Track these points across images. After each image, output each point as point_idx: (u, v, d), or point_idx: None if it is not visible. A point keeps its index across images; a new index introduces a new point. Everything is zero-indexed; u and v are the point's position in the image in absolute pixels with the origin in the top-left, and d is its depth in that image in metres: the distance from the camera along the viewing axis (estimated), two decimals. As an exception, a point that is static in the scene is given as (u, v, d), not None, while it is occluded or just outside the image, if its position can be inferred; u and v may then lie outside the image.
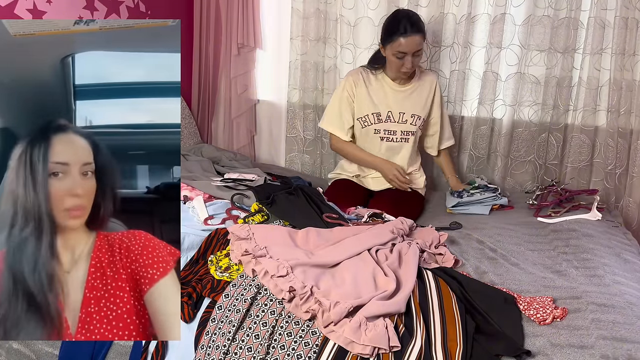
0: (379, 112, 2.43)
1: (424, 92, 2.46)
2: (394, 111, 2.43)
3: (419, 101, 2.45)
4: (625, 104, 2.51)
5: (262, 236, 1.74)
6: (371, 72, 2.48)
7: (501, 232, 2.09)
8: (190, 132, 3.05)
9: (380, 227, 1.86)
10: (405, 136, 2.45)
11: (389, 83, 2.45)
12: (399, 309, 1.46)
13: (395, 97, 2.44)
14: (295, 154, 3.10)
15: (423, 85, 2.47)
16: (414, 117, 2.43)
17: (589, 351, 1.35)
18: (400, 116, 2.43)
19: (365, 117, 2.44)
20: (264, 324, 1.44)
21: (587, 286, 1.66)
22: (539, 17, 2.59)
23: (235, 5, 2.96)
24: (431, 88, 2.47)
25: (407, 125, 2.44)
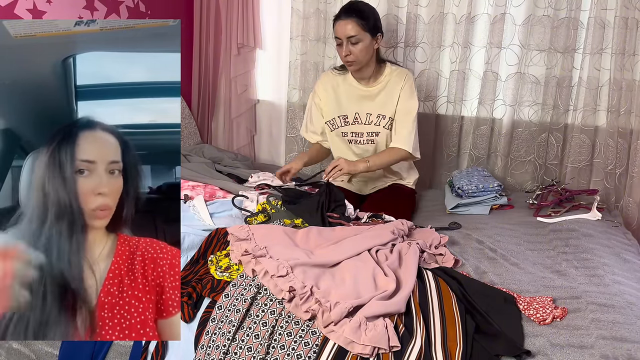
0: (346, 114, 2.40)
1: (392, 91, 2.35)
2: (361, 113, 2.38)
3: (385, 101, 2.36)
4: (625, 104, 2.51)
5: (262, 236, 1.74)
6: (339, 74, 2.44)
7: (501, 232, 2.09)
8: (190, 132, 3.05)
9: (381, 228, 1.86)
10: (370, 137, 2.39)
11: (355, 84, 2.39)
12: (398, 309, 1.46)
13: (362, 98, 2.38)
14: (295, 154, 3.10)
15: (391, 83, 2.35)
16: (379, 117, 2.37)
17: (589, 351, 1.35)
18: (367, 117, 2.38)
19: (332, 121, 2.41)
20: (264, 324, 1.44)
21: (587, 286, 1.66)
22: (539, 17, 2.59)
23: (235, 5, 2.96)
24: (400, 85, 2.34)
25: (372, 126, 2.38)
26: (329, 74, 2.47)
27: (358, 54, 2.25)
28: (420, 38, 2.76)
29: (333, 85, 2.43)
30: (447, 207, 2.41)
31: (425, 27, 2.74)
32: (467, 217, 2.30)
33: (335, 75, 2.45)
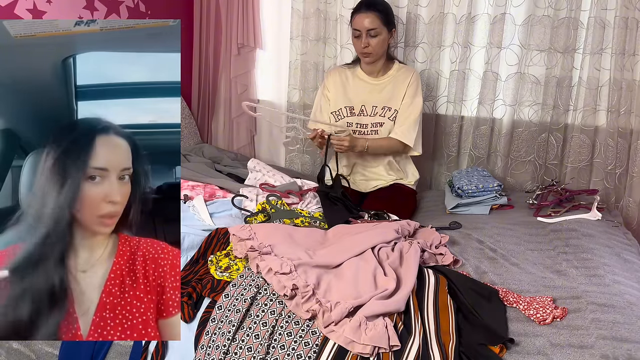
0: (352, 105, 2.48)
1: (399, 84, 2.46)
2: (367, 105, 2.47)
3: (392, 94, 2.46)
4: (625, 104, 2.51)
5: (264, 235, 1.74)
6: (348, 68, 2.54)
7: (501, 232, 2.09)
8: (190, 132, 3.05)
9: (386, 226, 1.86)
10: (374, 127, 2.47)
11: (364, 77, 2.51)
12: (398, 308, 1.46)
13: (370, 90, 2.48)
14: (295, 154, 3.10)
15: (399, 78, 2.47)
16: (385, 109, 2.46)
17: (589, 351, 1.35)
18: (372, 109, 2.47)
19: (338, 111, 2.49)
20: (264, 324, 1.44)
21: (587, 286, 1.66)
22: (539, 17, 2.59)
23: (235, 5, 2.96)
24: (408, 81, 2.46)
25: (377, 117, 2.47)
26: (338, 68, 2.59)
27: (375, 46, 2.37)
28: (420, 38, 2.76)
29: (342, 78, 2.53)
30: (447, 207, 2.41)
31: (425, 27, 2.75)
32: (467, 217, 2.30)
33: (345, 69, 2.56)
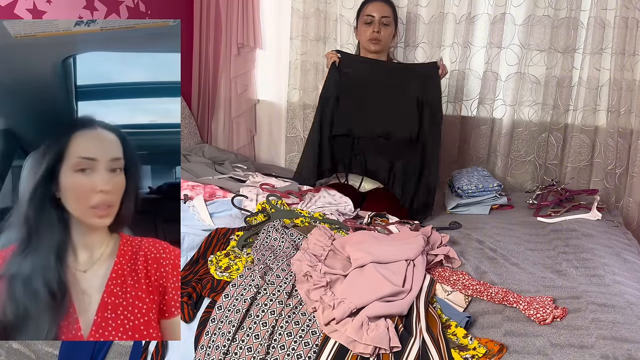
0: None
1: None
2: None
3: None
4: (625, 104, 2.52)
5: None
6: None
7: (501, 232, 2.09)
8: (190, 132, 3.05)
9: (416, 242, 1.78)
10: None
11: None
12: (401, 311, 1.46)
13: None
14: (295, 154, 3.10)
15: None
16: None
17: (589, 351, 1.35)
18: None
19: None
20: (264, 324, 1.44)
21: (587, 286, 1.66)
22: (539, 17, 2.59)
23: (235, 5, 2.97)
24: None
25: None
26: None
27: (385, 35, 2.45)
28: (420, 38, 2.76)
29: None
30: (447, 207, 2.41)
31: (425, 27, 2.75)
32: (467, 217, 2.30)
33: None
